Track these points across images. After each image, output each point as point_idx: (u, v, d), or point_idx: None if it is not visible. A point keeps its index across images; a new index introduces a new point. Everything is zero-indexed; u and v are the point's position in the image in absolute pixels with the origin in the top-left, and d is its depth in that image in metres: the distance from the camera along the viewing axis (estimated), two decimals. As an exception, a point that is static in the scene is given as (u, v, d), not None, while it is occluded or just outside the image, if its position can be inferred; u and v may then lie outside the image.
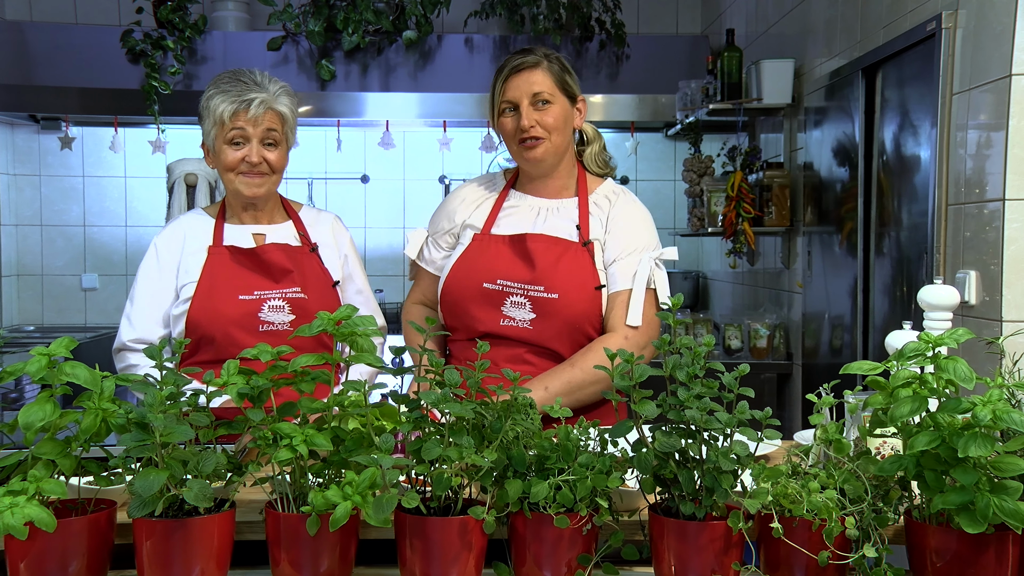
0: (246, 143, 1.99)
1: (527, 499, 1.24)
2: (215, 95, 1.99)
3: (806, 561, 1.23)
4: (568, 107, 1.96)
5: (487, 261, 1.96)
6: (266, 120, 1.99)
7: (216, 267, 2.04)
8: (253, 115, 1.96)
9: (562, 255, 1.92)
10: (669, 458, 1.26)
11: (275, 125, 2.00)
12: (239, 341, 1.95)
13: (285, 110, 2.02)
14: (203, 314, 2.00)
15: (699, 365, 1.28)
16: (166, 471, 1.08)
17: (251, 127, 1.98)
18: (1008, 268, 2.23)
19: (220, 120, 1.98)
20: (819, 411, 1.33)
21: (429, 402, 1.23)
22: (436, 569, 1.22)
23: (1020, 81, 2.20)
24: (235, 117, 1.97)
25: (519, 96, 1.93)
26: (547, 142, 1.95)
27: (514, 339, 1.93)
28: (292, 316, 2.01)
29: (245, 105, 1.96)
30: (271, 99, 1.99)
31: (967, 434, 1.13)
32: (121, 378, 1.18)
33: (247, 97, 1.96)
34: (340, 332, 1.28)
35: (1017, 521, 1.11)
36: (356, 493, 1.18)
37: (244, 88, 1.98)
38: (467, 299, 1.96)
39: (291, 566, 1.22)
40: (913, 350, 1.21)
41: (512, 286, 1.93)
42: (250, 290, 2.02)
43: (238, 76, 2.00)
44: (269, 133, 2.00)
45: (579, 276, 1.92)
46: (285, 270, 2.05)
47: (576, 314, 1.92)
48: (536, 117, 1.92)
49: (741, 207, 3.88)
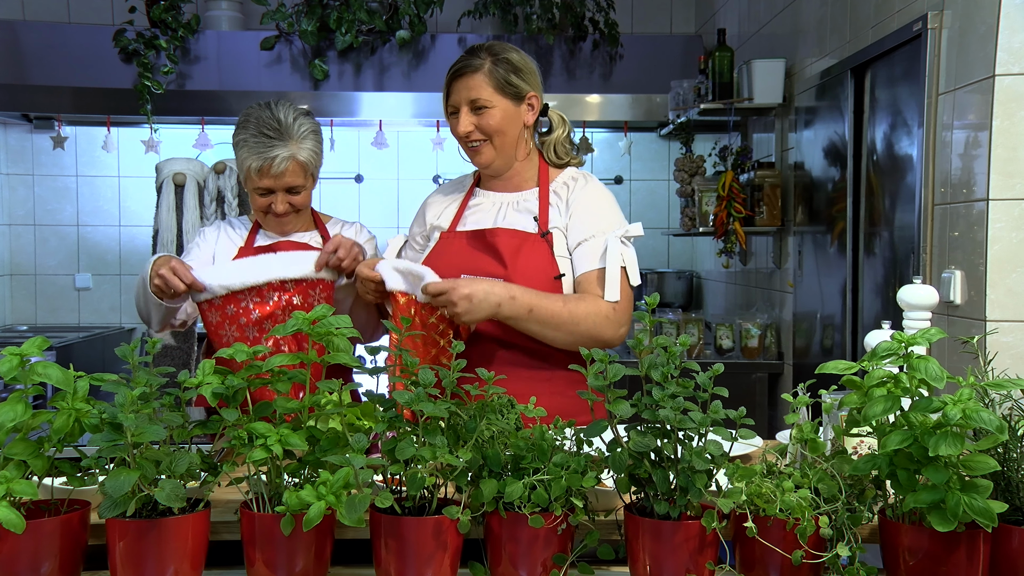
0: (272, 193, 2.10)
1: (502, 499, 1.25)
2: (242, 146, 2.07)
3: (780, 560, 1.23)
4: (511, 108, 1.96)
5: (451, 257, 1.99)
6: (289, 173, 2.07)
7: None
8: (276, 171, 2.05)
9: (521, 246, 1.95)
10: (644, 458, 1.26)
11: (298, 175, 2.08)
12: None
13: (308, 155, 2.09)
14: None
15: (674, 365, 1.28)
16: (137, 471, 1.08)
17: (274, 182, 2.07)
18: (992, 268, 2.23)
19: (247, 172, 2.08)
20: (795, 411, 1.33)
21: (403, 402, 1.23)
22: (411, 569, 1.23)
23: (1003, 81, 2.21)
24: (260, 173, 2.06)
25: (458, 101, 1.96)
26: (489, 145, 1.97)
27: (480, 333, 1.94)
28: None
29: (269, 162, 2.04)
30: (295, 150, 2.05)
31: (938, 433, 1.13)
32: (95, 378, 1.18)
33: (271, 155, 2.04)
34: (315, 331, 1.28)
35: (987, 519, 1.11)
36: (330, 493, 1.18)
37: (268, 144, 2.04)
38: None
39: (266, 566, 1.22)
40: (886, 350, 1.21)
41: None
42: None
43: (262, 126, 2.05)
44: (292, 184, 2.09)
45: (538, 266, 1.93)
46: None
47: None
48: (474, 121, 1.95)
49: (732, 207, 3.89)
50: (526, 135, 2.02)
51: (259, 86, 4.71)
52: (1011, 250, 2.22)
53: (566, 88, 4.83)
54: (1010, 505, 1.21)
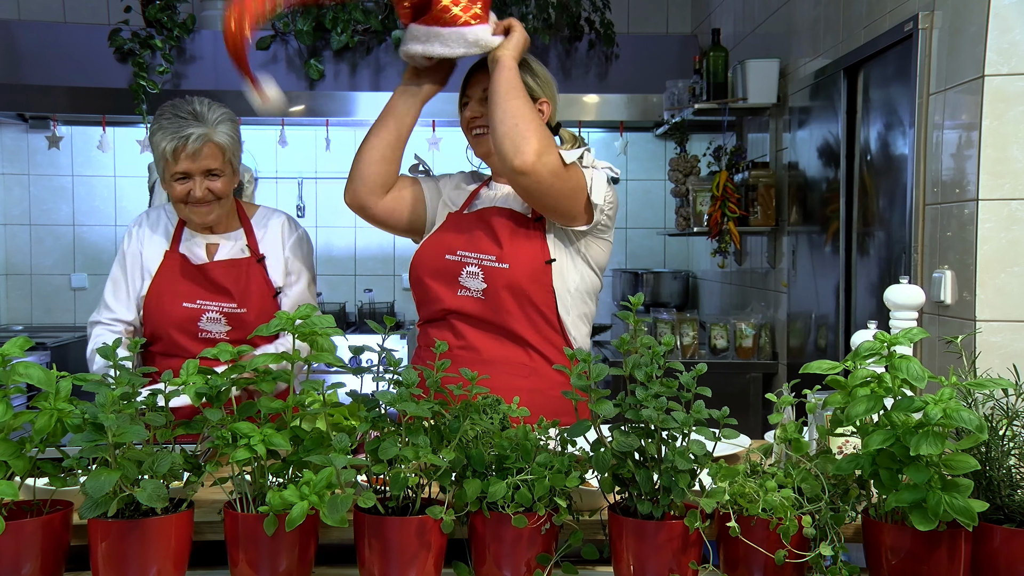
0: (190, 178, 2.08)
1: (485, 499, 1.25)
2: (156, 131, 2.07)
3: (764, 560, 1.23)
4: None
5: (453, 235, 2.04)
6: (206, 153, 2.06)
7: (167, 273, 2.18)
8: (192, 150, 2.04)
9: (516, 228, 1.98)
10: (627, 457, 1.26)
11: (215, 158, 2.08)
12: (180, 343, 2.12)
13: (225, 139, 2.09)
14: (152, 312, 2.16)
15: (658, 364, 1.28)
16: (118, 471, 1.08)
17: (191, 163, 2.06)
18: (981, 268, 2.23)
19: (163, 157, 2.06)
20: (779, 410, 1.33)
21: (386, 402, 1.23)
22: (394, 569, 1.23)
23: (993, 82, 2.21)
24: (176, 154, 2.05)
25: (473, 92, 2.03)
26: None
27: (467, 314, 1.98)
28: (229, 328, 2.14)
29: (183, 141, 2.03)
30: (210, 131, 2.06)
31: (919, 433, 1.13)
32: (78, 378, 1.18)
33: (184, 133, 2.03)
34: (299, 331, 1.28)
35: (967, 518, 1.12)
36: (313, 493, 1.18)
37: (182, 123, 2.04)
38: (429, 273, 2.03)
39: (249, 566, 1.22)
40: (868, 350, 1.22)
41: (469, 256, 1.99)
42: (193, 299, 2.15)
43: (177, 110, 2.07)
44: (210, 167, 2.08)
45: (530, 249, 1.97)
46: (226, 289, 2.16)
47: (524, 286, 1.95)
48: (482, 110, 2.00)
49: (726, 207, 3.89)
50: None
51: (255, 86, 4.70)
52: (1000, 250, 2.22)
53: (562, 88, 4.77)
54: (992, 504, 1.21)
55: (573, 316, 2.01)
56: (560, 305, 1.98)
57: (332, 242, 5.30)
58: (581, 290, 2.02)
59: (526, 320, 1.97)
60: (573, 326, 2.00)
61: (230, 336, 2.12)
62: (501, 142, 1.85)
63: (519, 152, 1.82)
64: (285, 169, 5.25)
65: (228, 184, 2.13)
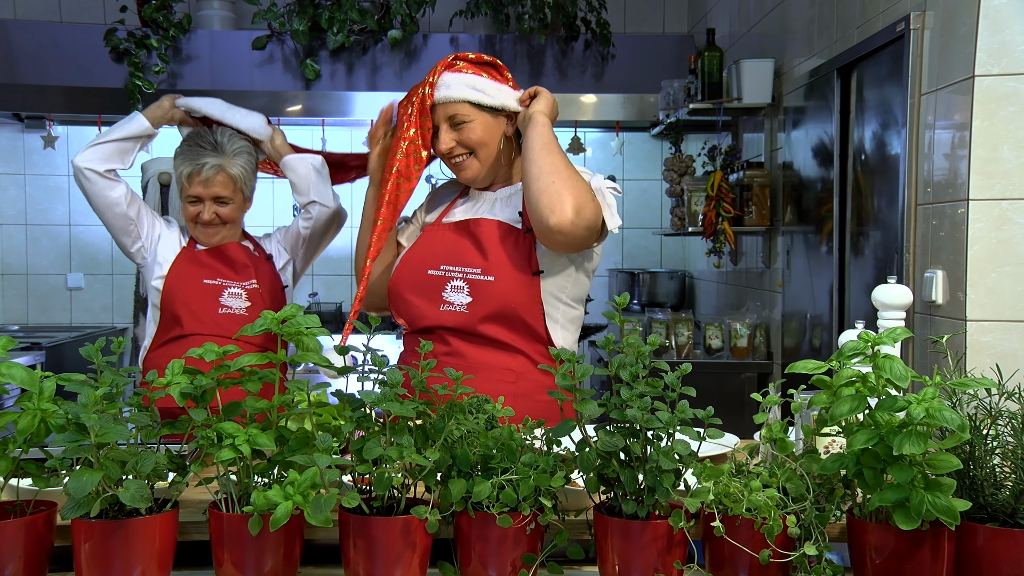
0: (201, 202, 2.31)
1: (470, 499, 1.25)
2: (178, 155, 2.32)
3: (749, 560, 1.23)
4: (490, 120, 1.96)
5: (433, 248, 1.98)
6: (217, 182, 2.29)
7: (185, 260, 2.37)
8: (205, 177, 2.28)
9: (503, 239, 1.93)
10: (612, 457, 1.26)
11: (226, 187, 2.31)
12: (202, 318, 2.30)
13: (238, 171, 2.32)
14: (174, 290, 2.32)
15: (643, 364, 1.28)
16: (100, 471, 1.08)
17: (203, 189, 2.29)
18: (972, 268, 2.23)
19: (180, 180, 2.30)
20: (764, 410, 1.33)
21: (370, 402, 1.23)
22: (379, 568, 1.23)
23: (984, 82, 2.21)
24: (191, 179, 2.29)
25: (438, 119, 1.96)
26: (474, 159, 1.97)
27: (451, 327, 1.93)
28: (248, 303, 2.34)
29: (198, 168, 2.28)
30: (225, 163, 2.29)
31: (902, 432, 1.14)
32: (62, 378, 1.18)
33: (200, 161, 2.27)
34: (285, 331, 1.28)
35: (950, 517, 1.12)
36: (297, 493, 1.18)
37: (201, 152, 2.28)
38: (410, 289, 1.98)
39: (234, 566, 1.22)
40: (852, 349, 1.22)
41: (453, 270, 1.94)
42: (214, 276, 2.35)
43: (198, 142, 2.31)
44: (220, 194, 2.30)
45: (517, 260, 1.91)
46: (244, 265, 2.38)
47: (510, 298, 1.90)
48: (455, 137, 1.95)
49: (721, 207, 3.89)
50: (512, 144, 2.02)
51: (251, 86, 4.71)
52: (991, 250, 2.23)
53: (558, 88, 4.82)
54: (975, 503, 1.21)
55: (562, 323, 1.97)
56: (548, 315, 1.94)
57: (328, 242, 5.30)
58: (573, 296, 1.98)
59: (512, 331, 1.92)
60: (561, 333, 1.96)
61: (249, 313, 2.31)
62: (537, 199, 1.81)
63: (554, 212, 1.79)
64: (281, 169, 5.25)
65: (235, 211, 2.36)
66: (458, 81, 1.93)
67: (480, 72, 1.95)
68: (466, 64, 1.96)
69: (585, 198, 1.82)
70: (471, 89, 1.92)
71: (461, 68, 1.95)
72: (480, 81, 1.94)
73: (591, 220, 1.83)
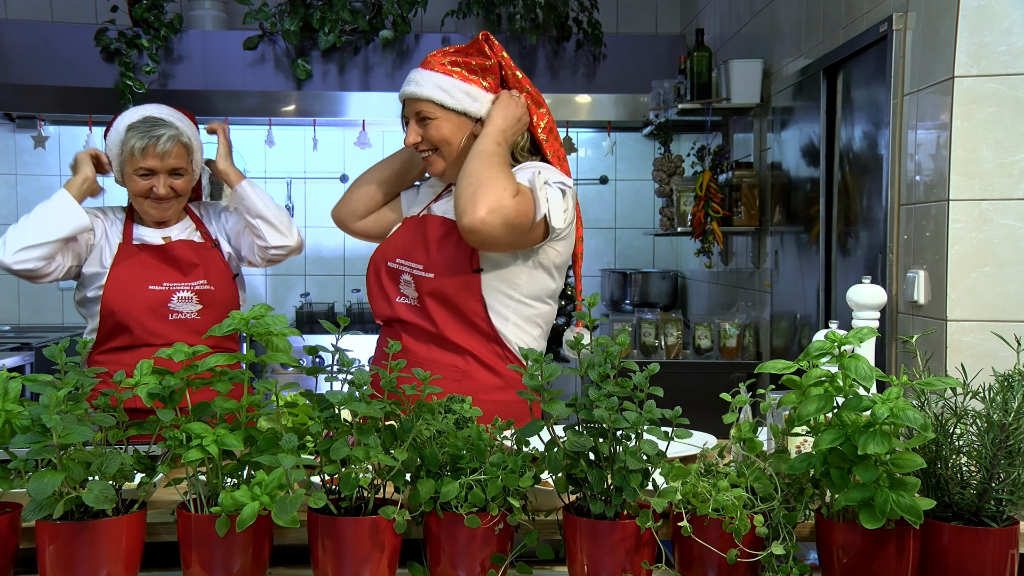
0: (154, 175, 2.19)
1: (439, 499, 1.25)
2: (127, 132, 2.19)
3: (717, 560, 1.24)
4: (455, 119, 1.97)
5: (395, 241, 2.04)
6: (174, 154, 2.19)
7: (126, 261, 2.22)
8: (162, 150, 2.17)
9: (446, 236, 1.95)
10: (580, 457, 1.27)
11: (181, 158, 2.21)
12: (151, 329, 2.16)
13: (190, 141, 2.23)
14: (116, 302, 2.17)
15: (611, 364, 1.28)
16: (63, 472, 1.08)
17: (159, 162, 2.17)
18: (952, 268, 2.24)
19: (129, 154, 2.17)
20: (734, 410, 1.33)
21: (336, 402, 1.23)
22: (348, 569, 1.23)
23: (963, 83, 2.21)
24: (145, 153, 2.16)
25: (409, 113, 2.01)
26: (439, 156, 2.00)
27: (405, 321, 1.99)
28: (200, 306, 2.21)
29: (154, 140, 2.16)
30: (179, 132, 2.20)
31: (867, 432, 1.14)
32: (27, 378, 1.18)
33: (156, 133, 2.16)
34: (253, 331, 1.28)
35: (914, 516, 1.12)
36: (264, 493, 1.18)
37: (153, 124, 2.18)
38: (375, 279, 2.04)
39: (202, 567, 1.22)
40: (818, 349, 1.22)
41: (404, 264, 1.99)
42: (159, 281, 2.20)
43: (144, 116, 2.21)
44: (176, 166, 2.20)
45: (457, 258, 1.93)
46: (192, 264, 2.24)
47: (450, 295, 1.93)
48: (420, 132, 1.99)
49: (709, 207, 3.89)
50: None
51: (242, 86, 4.71)
52: (971, 250, 2.23)
53: (550, 88, 4.83)
54: (941, 502, 1.21)
55: (514, 320, 1.97)
56: (492, 313, 1.95)
57: (321, 242, 5.30)
58: (530, 294, 1.97)
59: (458, 327, 1.95)
60: (512, 332, 1.96)
61: (201, 316, 2.19)
62: (456, 202, 1.85)
63: (466, 212, 1.82)
64: (273, 169, 5.25)
65: (187, 184, 2.25)
66: (427, 79, 1.96)
67: (452, 72, 1.96)
68: (439, 63, 1.98)
69: (503, 198, 1.82)
70: (437, 89, 1.95)
71: (434, 66, 1.97)
72: (448, 82, 1.95)
73: (511, 219, 1.83)
